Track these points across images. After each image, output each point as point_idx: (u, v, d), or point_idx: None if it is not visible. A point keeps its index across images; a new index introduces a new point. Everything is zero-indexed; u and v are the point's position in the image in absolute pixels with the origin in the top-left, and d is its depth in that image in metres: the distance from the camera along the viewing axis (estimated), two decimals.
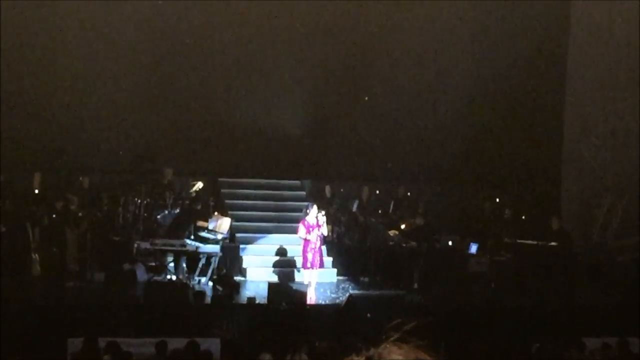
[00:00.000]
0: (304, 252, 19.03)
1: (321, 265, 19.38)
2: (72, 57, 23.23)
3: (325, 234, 19.47)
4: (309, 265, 19.00)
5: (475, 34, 25.01)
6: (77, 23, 23.24)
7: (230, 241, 20.99)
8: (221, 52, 24.10)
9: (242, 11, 24.03)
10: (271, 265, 20.86)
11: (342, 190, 23.33)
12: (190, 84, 24.03)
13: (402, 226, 21.46)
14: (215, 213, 21.05)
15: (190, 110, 23.99)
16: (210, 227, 20.31)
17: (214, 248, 19.71)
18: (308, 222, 19.05)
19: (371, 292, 18.54)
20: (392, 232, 21.44)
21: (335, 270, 21.13)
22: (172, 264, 19.69)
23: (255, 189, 23.59)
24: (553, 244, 20.67)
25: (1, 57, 22.30)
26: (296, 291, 17.36)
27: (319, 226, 19.01)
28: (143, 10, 23.51)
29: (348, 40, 24.47)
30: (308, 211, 19.19)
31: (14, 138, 22.54)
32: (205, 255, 19.68)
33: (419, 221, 21.43)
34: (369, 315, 16.79)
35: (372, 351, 4.57)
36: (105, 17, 23.34)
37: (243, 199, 23.18)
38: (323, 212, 19.28)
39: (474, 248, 20.65)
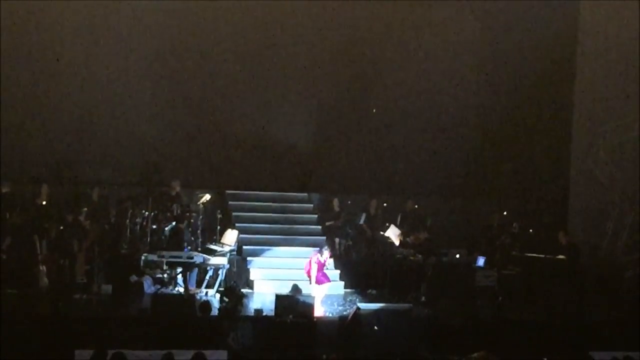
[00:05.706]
0: (308, 272, 19.11)
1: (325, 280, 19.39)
2: (81, 70, 23.32)
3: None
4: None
5: (482, 49, 25.05)
6: (87, 36, 23.33)
7: (237, 253, 21.01)
8: (230, 65, 24.17)
9: (251, 27, 24.11)
10: (278, 277, 20.85)
11: (349, 203, 23.32)
12: (198, 97, 24.10)
13: (409, 239, 21.40)
14: (223, 225, 21.07)
15: (198, 123, 24.05)
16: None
17: (221, 260, 19.69)
18: (316, 259, 19.07)
19: (379, 305, 18.51)
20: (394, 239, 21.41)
21: (342, 283, 21.14)
22: (179, 276, 19.68)
23: (262, 202, 23.60)
24: (561, 257, 20.60)
25: (8, 69, 22.37)
26: (303, 304, 17.31)
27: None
28: (154, 25, 23.61)
29: (356, 55, 24.54)
30: (322, 251, 19.21)
31: (21, 150, 22.59)
32: (213, 268, 19.68)
33: (422, 235, 21.39)
34: (376, 328, 16.78)
35: None
36: (117, 32, 23.43)
37: (250, 212, 23.19)
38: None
39: (481, 261, 20.59)
